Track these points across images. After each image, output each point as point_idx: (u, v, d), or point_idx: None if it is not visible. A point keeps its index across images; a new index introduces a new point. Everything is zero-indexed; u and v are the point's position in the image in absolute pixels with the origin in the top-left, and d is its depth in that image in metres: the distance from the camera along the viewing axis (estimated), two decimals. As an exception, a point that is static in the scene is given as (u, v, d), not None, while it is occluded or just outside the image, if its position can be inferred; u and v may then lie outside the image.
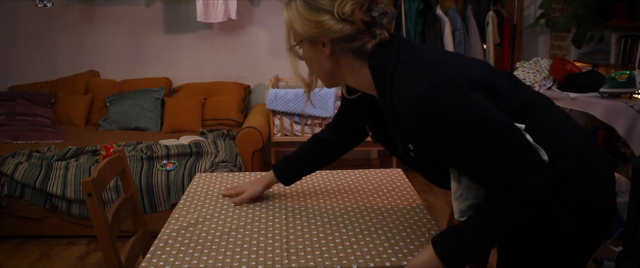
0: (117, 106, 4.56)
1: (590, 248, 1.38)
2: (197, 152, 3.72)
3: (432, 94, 1.23)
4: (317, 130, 4.18)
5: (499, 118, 1.24)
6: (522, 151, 1.26)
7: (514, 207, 1.27)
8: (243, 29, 4.85)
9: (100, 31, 4.88)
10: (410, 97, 1.26)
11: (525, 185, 1.25)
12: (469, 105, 1.22)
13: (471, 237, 1.33)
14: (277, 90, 4.05)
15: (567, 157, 1.33)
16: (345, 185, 2.11)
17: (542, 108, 1.39)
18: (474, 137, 1.24)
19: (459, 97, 1.22)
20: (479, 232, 1.32)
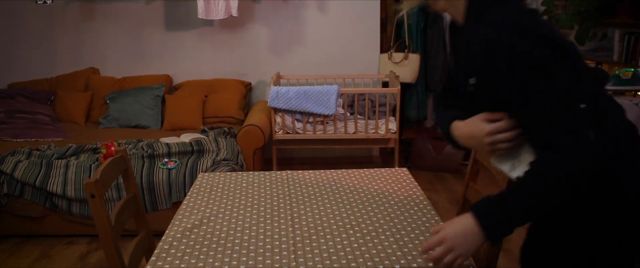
0: (118, 104, 4.53)
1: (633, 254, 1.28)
2: (198, 150, 3.69)
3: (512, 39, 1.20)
4: (319, 128, 4.17)
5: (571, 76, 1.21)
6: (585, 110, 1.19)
7: (564, 167, 1.17)
8: (244, 26, 4.82)
9: (100, 28, 4.84)
10: (493, 35, 1.22)
11: (580, 144, 1.17)
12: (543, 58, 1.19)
13: (515, 204, 1.23)
14: (278, 87, 4.02)
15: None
16: (351, 185, 2.09)
17: (612, 114, 1.34)
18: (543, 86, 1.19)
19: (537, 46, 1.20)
20: (524, 198, 1.22)
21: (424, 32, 4.80)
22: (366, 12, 4.79)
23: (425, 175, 4.73)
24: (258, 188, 2.04)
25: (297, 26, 4.81)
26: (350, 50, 4.82)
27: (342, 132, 4.12)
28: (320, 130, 4.13)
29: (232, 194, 1.98)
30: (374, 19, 4.81)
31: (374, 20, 4.82)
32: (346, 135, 4.11)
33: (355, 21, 4.81)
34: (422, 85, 4.85)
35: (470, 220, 1.26)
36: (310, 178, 2.18)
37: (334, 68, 4.85)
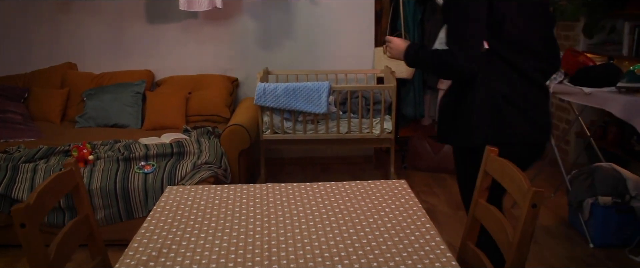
0: (95, 101, 4.25)
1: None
2: (178, 153, 3.42)
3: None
4: (310, 128, 3.90)
5: (474, 23, 1.92)
6: (470, 48, 1.91)
7: (446, 59, 1.94)
8: (230, 19, 4.54)
9: (78, 21, 4.55)
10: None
11: (453, 55, 1.93)
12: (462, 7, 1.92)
13: (423, 54, 2.08)
14: (265, 84, 3.74)
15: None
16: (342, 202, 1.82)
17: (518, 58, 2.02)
18: (454, 15, 1.96)
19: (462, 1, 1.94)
20: (427, 56, 2.05)
21: (421, 24, 4.54)
22: (360, 3, 4.51)
23: (422, 176, 4.48)
24: (233, 207, 1.78)
25: (287, 18, 4.53)
26: (343, 44, 4.54)
27: (335, 132, 3.85)
28: (311, 129, 3.86)
29: (202, 214, 1.71)
30: (368, 11, 4.53)
31: (369, 13, 4.54)
32: (339, 135, 3.84)
33: (349, 13, 4.53)
34: (419, 81, 4.58)
35: (404, 46, 2.16)
36: (294, 193, 1.91)
37: (326, 63, 4.57)
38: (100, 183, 3.11)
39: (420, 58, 2.08)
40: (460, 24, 1.92)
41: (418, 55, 2.09)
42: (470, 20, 1.90)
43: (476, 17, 1.90)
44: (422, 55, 2.07)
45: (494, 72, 1.97)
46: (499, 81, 1.97)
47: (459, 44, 1.91)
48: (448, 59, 1.92)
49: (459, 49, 1.90)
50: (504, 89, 1.97)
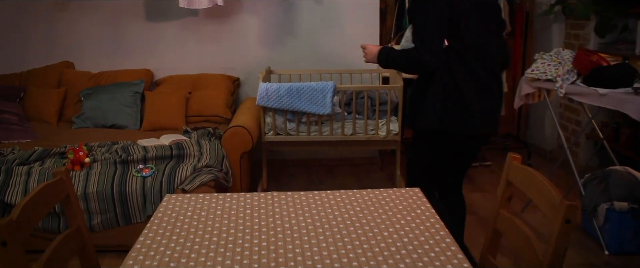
0: (93, 101, 4.13)
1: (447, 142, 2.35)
2: (178, 155, 3.30)
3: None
4: (314, 129, 3.78)
5: (435, 23, 2.17)
6: (431, 44, 2.16)
7: (413, 55, 2.19)
8: (231, 16, 4.42)
9: (76, 18, 4.43)
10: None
11: (418, 51, 2.17)
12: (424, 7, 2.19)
13: (393, 55, 2.32)
14: (268, 84, 3.62)
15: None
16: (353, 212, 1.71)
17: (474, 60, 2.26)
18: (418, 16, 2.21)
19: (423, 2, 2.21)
20: (397, 55, 2.29)
21: (427, 22, 4.41)
22: (365, 2, 4.39)
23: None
24: (236, 218, 1.66)
25: (290, 16, 4.41)
26: (347, 43, 4.42)
27: (339, 134, 3.73)
28: (315, 131, 3.74)
29: (203, 226, 1.59)
30: (373, 9, 4.41)
31: (374, 11, 4.42)
32: (343, 137, 3.73)
33: (353, 11, 4.41)
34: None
35: (376, 50, 2.41)
36: (302, 202, 1.80)
37: (330, 62, 4.45)
38: (96, 187, 2.99)
39: (391, 58, 2.34)
40: (424, 23, 2.20)
41: (390, 56, 2.35)
42: (432, 20, 2.17)
43: (437, 18, 2.17)
44: (393, 56, 2.34)
45: (450, 68, 2.23)
46: (452, 76, 2.23)
47: (423, 41, 2.18)
48: (414, 54, 2.20)
49: (423, 45, 2.18)
50: (454, 84, 2.23)
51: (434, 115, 2.27)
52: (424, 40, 2.17)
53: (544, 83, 3.46)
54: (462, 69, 2.23)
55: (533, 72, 3.51)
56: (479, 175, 4.45)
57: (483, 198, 3.95)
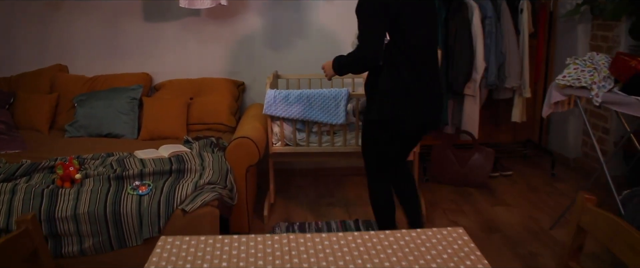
0: (87, 108, 3.84)
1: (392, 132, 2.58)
2: (178, 170, 3.01)
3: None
4: (326, 139, 3.49)
5: (374, 20, 2.39)
6: (371, 40, 2.39)
7: (357, 54, 2.45)
8: (236, 16, 4.13)
9: (69, 19, 4.16)
10: None
11: (360, 50, 2.42)
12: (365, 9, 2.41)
13: (343, 60, 2.59)
14: (276, 91, 3.33)
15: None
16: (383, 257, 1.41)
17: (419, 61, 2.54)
18: (360, 15, 2.43)
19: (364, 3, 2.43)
20: (345, 59, 2.58)
21: (445, 23, 4.11)
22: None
23: (446, 191, 4.06)
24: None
25: (299, 16, 4.12)
26: (359, 45, 4.11)
27: (353, 144, 3.44)
28: (327, 141, 3.45)
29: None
30: (387, 8, 4.11)
31: (388, 10, 4.11)
32: (357, 148, 3.43)
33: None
34: (443, 85, 4.16)
35: (331, 62, 2.67)
36: (324, 246, 1.50)
37: (341, 65, 4.15)
38: (88, 207, 2.71)
39: (342, 64, 2.59)
40: (365, 21, 2.41)
41: (340, 63, 2.60)
42: (372, 18, 2.38)
43: (377, 15, 2.37)
44: (343, 61, 2.59)
45: (393, 61, 2.46)
46: (396, 69, 2.46)
47: (364, 39, 2.40)
48: (357, 53, 2.44)
49: (364, 43, 2.40)
50: (399, 76, 2.47)
51: (383, 107, 2.50)
52: (365, 38, 2.40)
53: (577, 90, 3.17)
54: (405, 62, 2.46)
55: (565, 79, 3.22)
56: (500, 186, 4.16)
57: (507, 213, 3.65)
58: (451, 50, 4.06)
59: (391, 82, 2.49)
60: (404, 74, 2.47)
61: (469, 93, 4.13)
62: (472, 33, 4.03)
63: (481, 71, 4.04)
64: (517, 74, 4.13)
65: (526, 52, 4.17)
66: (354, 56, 2.48)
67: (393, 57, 2.47)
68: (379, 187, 2.85)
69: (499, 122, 4.82)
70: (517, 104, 4.28)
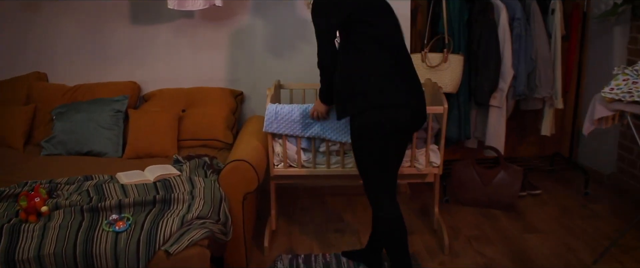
0: (65, 122, 3.42)
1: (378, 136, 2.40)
2: (163, 200, 2.58)
3: None
4: (335, 160, 3.06)
5: (324, 26, 2.43)
6: (323, 43, 2.45)
7: (319, 68, 2.54)
8: (233, 18, 3.70)
9: (48, 21, 3.74)
10: None
11: (319, 61, 2.51)
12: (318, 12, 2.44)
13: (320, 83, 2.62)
14: (277, 106, 2.90)
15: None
16: None
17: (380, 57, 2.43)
18: (314, 23, 2.46)
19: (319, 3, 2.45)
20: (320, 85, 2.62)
21: (468, 25, 3.68)
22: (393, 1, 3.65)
23: (469, 213, 3.63)
24: None
25: (304, 19, 3.68)
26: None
27: (365, 166, 3.00)
28: (336, 162, 3.02)
29: None
30: (403, 10, 3.68)
31: (404, 11, 3.68)
32: (370, 170, 2.99)
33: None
34: (465, 95, 3.74)
35: (317, 100, 2.73)
36: None
37: (351, 73, 3.71)
38: (54, 247, 2.28)
39: (321, 90, 2.64)
40: (316, 31, 2.45)
41: (320, 90, 2.65)
42: (320, 26, 2.43)
43: (325, 21, 2.42)
44: (320, 87, 2.63)
45: (348, 60, 2.43)
46: (350, 68, 2.42)
47: (318, 49, 2.46)
48: (319, 66, 2.52)
49: (320, 52, 2.46)
50: (353, 74, 2.41)
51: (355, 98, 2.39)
52: (319, 48, 2.46)
53: (628, 106, 2.73)
54: (362, 60, 2.40)
55: (612, 92, 2.78)
56: (529, 208, 3.72)
57: (540, 241, 3.22)
58: (475, 56, 3.63)
59: (348, 68, 2.42)
60: (354, 75, 2.41)
61: (494, 104, 3.70)
62: (499, 36, 3.60)
63: (509, 80, 3.62)
64: (548, 82, 3.70)
65: (559, 58, 3.74)
66: (320, 73, 2.53)
67: (347, 57, 2.43)
68: (388, 212, 2.50)
69: (524, 134, 4.38)
70: (548, 116, 3.86)
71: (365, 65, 2.38)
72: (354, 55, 2.40)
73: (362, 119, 2.38)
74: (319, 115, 2.78)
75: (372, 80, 2.36)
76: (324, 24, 2.41)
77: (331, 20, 2.40)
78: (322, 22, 2.42)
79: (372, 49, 2.39)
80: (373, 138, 2.39)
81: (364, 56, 2.39)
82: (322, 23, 2.41)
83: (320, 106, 2.73)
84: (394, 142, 2.46)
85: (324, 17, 2.41)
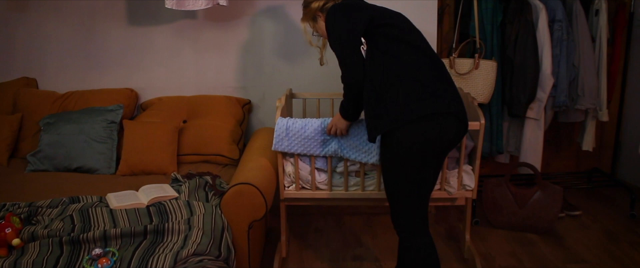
0: (53, 134, 3.08)
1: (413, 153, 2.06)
2: (155, 230, 2.22)
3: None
4: (353, 182, 2.69)
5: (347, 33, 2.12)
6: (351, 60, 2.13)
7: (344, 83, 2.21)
8: (240, 19, 3.34)
9: (38, 23, 3.41)
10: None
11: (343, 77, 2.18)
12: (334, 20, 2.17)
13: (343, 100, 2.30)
14: (288, 120, 2.53)
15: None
16: None
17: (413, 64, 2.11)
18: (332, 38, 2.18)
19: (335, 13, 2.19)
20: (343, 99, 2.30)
21: (502, 28, 3.30)
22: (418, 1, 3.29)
23: (502, 238, 3.24)
24: None
25: (318, 20, 3.31)
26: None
27: (389, 188, 2.62)
28: (355, 185, 2.65)
29: None
30: (429, 10, 3.31)
31: (430, 12, 3.32)
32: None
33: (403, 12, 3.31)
34: (498, 105, 3.36)
35: (338, 115, 2.40)
36: None
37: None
38: (25, 289, 1.93)
39: (343, 104, 2.32)
40: (337, 44, 2.17)
41: (342, 105, 2.33)
42: (342, 35, 2.14)
43: (347, 27, 2.13)
44: (343, 102, 2.31)
45: (376, 68, 2.11)
46: (380, 75, 2.09)
47: (342, 64, 2.16)
48: (344, 82, 2.20)
49: (345, 66, 2.16)
50: (385, 82, 2.07)
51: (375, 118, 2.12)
52: (343, 64, 2.17)
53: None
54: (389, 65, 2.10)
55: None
56: (569, 232, 3.32)
57: (588, 275, 2.83)
58: (510, 62, 3.26)
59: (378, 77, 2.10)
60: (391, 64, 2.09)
61: (531, 116, 3.31)
62: (537, 40, 3.22)
63: (548, 89, 3.24)
64: (592, 91, 3.31)
65: (604, 65, 3.34)
66: (344, 88, 2.23)
67: (373, 58, 2.13)
68: (421, 241, 2.17)
69: (558, 146, 3.98)
70: (590, 129, 3.47)
71: (398, 69, 2.07)
72: (384, 60, 2.09)
73: (399, 135, 2.04)
74: (337, 132, 2.45)
75: (408, 86, 2.04)
76: (347, 31, 2.12)
77: (355, 25, 2.12)
78: (343, 29, 2.13)
79: (404, 50, 2.10)
80: (412, 157, 2.06)
81: (395, 60, 2.08)
82: (344, 31, 2.13)
83: (340, 122, 2.40)
84: (436, 161, 2.14)
85: (346, 24, 2.13)
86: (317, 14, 2.34)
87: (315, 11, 2.34)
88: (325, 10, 2.29)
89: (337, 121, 2.41)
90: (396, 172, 2.12)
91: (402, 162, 2.08)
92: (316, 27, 2.39)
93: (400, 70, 2.07)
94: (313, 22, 2.38)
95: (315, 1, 2.32)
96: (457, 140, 2.15)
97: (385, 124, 2.07)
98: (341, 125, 2.42)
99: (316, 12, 2.34)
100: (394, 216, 2.21)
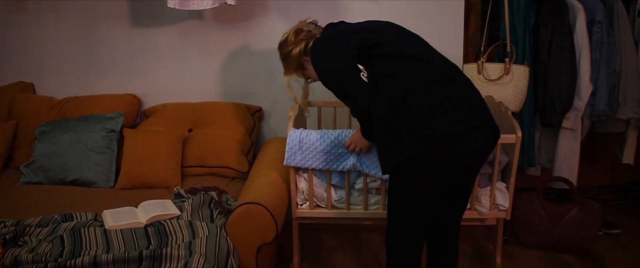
0: (48, 143, 2.87)
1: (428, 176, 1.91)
2: (152, 256, 1.99)
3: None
4: (373, 200, 2.43)
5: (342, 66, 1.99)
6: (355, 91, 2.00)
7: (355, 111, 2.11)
8: (250, 20, 3.12)
9: (36, 24, 3.22)
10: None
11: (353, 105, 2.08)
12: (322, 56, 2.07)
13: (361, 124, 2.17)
14: (302, 132, 2.30)
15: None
16: None
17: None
18: (325, 77, 2.07)
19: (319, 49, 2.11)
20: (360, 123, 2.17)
21: (535, 31, 3.04)
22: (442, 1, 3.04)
23: (534, 258, 2.99)
24: None
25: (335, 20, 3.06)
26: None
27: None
28: (376, 203, 2.40)
29: None
30: (455, 11, 3.07)
31: (456, 13, 3.08)
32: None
33: (425, 16, 3.08)
34: (530, 114, 3.10)
35: (359, 133, 2.21)
36: None
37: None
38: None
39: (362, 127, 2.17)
40: (332, 79, 2.05)
41: (361, 128, 2.18)
42: (336, 69, 2.01)
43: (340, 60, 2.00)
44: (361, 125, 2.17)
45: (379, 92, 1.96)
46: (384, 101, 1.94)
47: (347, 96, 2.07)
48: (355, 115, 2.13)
49: (350, 97, 2.05)
50: (387, 109, 1.93)
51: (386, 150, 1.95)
52: (347, 96, 2.07)
53: None
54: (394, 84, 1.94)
55: None
56: (608, 252, 3.05)
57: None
58: (543, 67, 3.01)
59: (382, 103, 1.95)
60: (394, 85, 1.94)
61: (567, 126, 3.05)
62: (575, 44, 2.96)
63: (586, 97, 2.99)
64: (635, 100, 3.04)
65: (646, 68, 3.07)
66: (358, 119, 2.14)
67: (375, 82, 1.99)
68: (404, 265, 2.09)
69: (593, 157, 3.71)
70: (632, 140, 3.20)
71: (403, 93, 1.90)
72: (386, 85, 1.94)
73: (407, 166, 1.90)
74: (357, 149, 2.28)
75: (415, 110, 1.88)
76: (337, 62, 2.00)
77: (344, 52, 2.00)
78: (333, 62, 2.01)
79: (405, 66, 1.95)
80: (420, 190, 1.93)
81: (398, 82, 1.93)
82: (334, 63, 2.01)
83: (361, 141, 2.23)
84: (462, 179, 2.02)
85: (334, 55, 2.02)
86: (302, 60, 2.20)
87: (299, 58, 2.20)
88: (309, 51, 2.15)
89: (358, 139, 2.24)
90: (402, 194, 1.99)
91: (407, 193, 1.97)
92: (306, 74, 2.26)
93: (405, 94, 1.90)
94: (301, 70, 2.25)
95: (295, 47, 2.19)
96: (487, 153, 1.95)
97: (396, 157, 1.90)
98: (362, 144, 2.24)
99: (301, 59, 2.20)
100: (389, 236, 2.08)
